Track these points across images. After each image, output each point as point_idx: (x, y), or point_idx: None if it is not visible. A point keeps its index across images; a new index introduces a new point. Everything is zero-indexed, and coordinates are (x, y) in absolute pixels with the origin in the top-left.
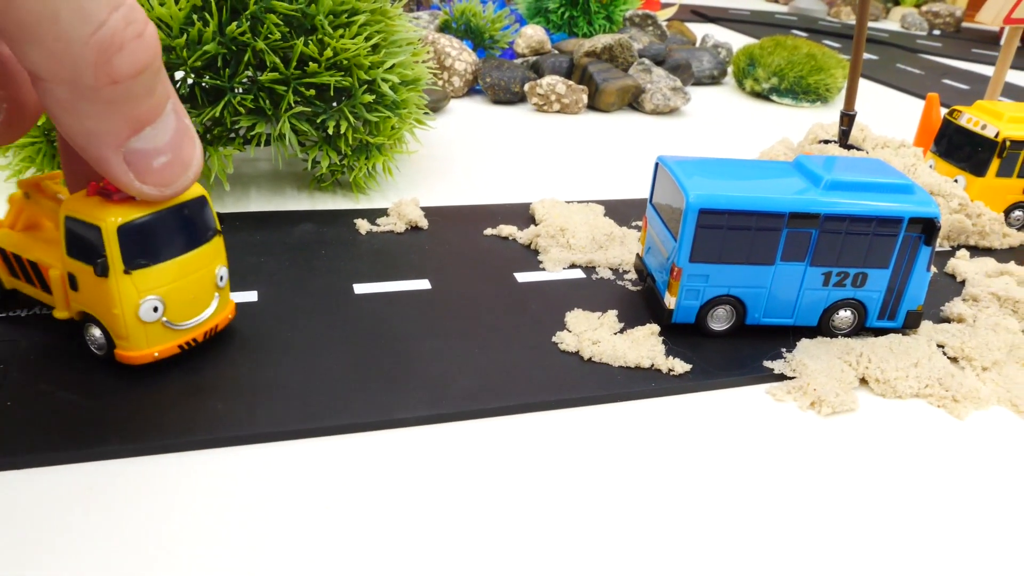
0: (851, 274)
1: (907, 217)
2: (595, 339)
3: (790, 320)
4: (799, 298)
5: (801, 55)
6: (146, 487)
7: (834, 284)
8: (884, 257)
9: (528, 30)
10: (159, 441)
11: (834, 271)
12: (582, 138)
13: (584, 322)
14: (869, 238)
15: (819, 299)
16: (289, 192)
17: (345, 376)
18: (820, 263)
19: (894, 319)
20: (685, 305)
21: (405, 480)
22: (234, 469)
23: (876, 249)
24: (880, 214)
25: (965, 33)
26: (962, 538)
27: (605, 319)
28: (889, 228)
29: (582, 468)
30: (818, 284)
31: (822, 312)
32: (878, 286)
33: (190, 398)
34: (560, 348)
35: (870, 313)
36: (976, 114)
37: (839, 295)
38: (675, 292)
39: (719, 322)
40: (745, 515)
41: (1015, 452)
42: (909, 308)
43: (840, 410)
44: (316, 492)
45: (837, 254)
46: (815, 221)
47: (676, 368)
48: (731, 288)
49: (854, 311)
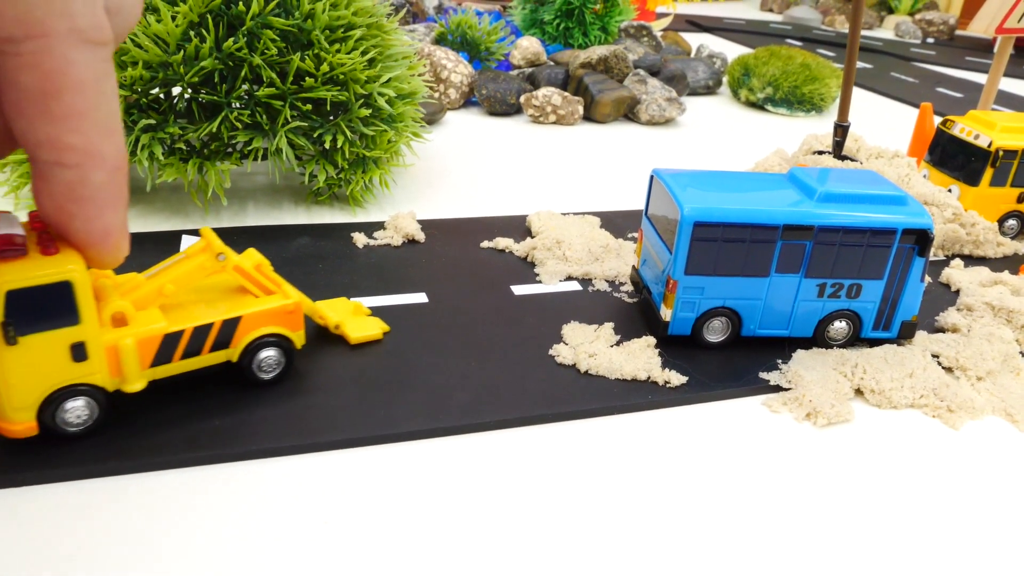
0: (846, 285)
1: (901, 228)
2: (592, 352)
3: (785, 331)
4: (794, 309)
5: (795, 65)
6: (145, 504)
7: (829, 295)
8: (878, 268)
9: (524, 42)
10: (159, 458)
11: (829, 282)
12: (578, 149)
13: (580, 335)
14: (863, 249)
15: (814, 310)
16: (286, 206)
17: (341, 391)
18: (815, 275)
19: (889, 329)
20: (681, 317)
21: (403, 495)
22: (231, 486)
23: (870, 260)
24: (874, 225)
25: (959, 41)
26: (958, 549)
27: (601, 331)
28: (883, 239)
29: (580, 481)
30: (813, 295)
31: (817, 323)
32: (872, 297)
33: (189, 417)
34: (557, 361)
35: (865, 324)
36: (969, 124)
37: (834, 306)
38: (671, 304)
39: (715, 334)
40: (742, 527)
41: (1010, 462)
42: (903, 319)
43: (836, 421)
44: (314, 508)
45: (831, 265)
46: (809, 233)
47: (672, 380)
48: (726, 300)
49: (849, 322)
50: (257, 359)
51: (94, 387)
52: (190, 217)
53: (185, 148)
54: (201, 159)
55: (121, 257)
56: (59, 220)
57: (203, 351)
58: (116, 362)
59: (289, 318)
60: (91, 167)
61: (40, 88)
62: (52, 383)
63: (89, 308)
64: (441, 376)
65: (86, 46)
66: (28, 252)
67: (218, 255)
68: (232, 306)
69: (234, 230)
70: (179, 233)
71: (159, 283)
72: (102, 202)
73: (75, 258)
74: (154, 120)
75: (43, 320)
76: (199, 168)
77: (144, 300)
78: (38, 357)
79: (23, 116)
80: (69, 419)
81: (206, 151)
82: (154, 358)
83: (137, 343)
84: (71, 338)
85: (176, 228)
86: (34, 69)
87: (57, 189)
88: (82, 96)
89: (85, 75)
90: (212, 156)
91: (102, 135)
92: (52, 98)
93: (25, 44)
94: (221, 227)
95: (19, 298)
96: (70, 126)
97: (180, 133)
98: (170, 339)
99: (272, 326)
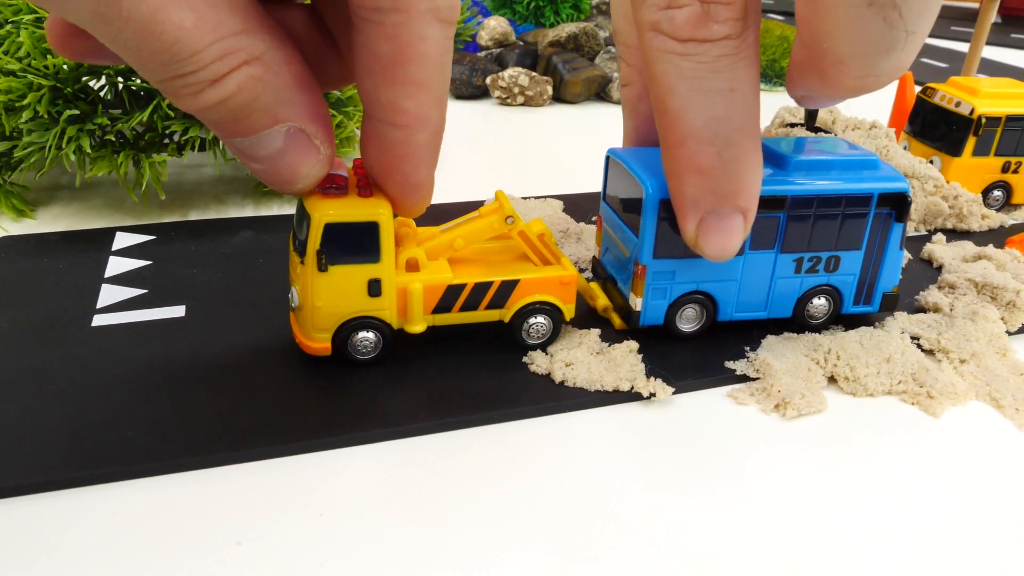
0: (823, 258)
1: (877, 193)
2: (568, 360)
3: (763, 313)
4: (771, 288)
5: (773, 38)
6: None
7: (807, 271)
8: (856, 238)
9: (491, 22)
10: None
11: (806, 256)
12: (546, 131)
13: (561, 341)
14: (839, 219)
15: (792, 288)
16: (232, 200)
17: (280, 395)
18: (791, 249)
19: (870, 303)
20: (653, 305)
21: (343, 502)
22: (142, 502)
23: (847, 230)
24: (849, 192)
25: (944, 11)
26: (940, 544)
27: (583, 337)
28: (859, 207)
29: (542, 479)
30: (790, 272)
31: (796, 301)
32: (852, 269)
33: (102, 427)
34: (531, 369)
35: (845, 299)
36: (950, 91)
37: (813, 282)
38: (640, 292)
39: (689, 323)
40: (704, 533)
41: (995, 451)
42: (885, 290)
43: (807, 412)
44: (228, 525)
45: (808, 238)
46: (782, 205)
47: (659, 393)
48: (700, 283)
49: (829, 298)
50: (527, 324)
51: (383, 322)
52: (130, 213)
53: (116, 140)
54: (135, 151)
55: (424, 208)
56: (381, 171)
57: (480, 307)
58: (404, 303)
59: (563, 289)
60: (418, 130)
61: (392, 56)
62: (349, 311)
63: (389, 250)
64: (374, 380)
65: (439, 24)
66: (348, 193)
67: (507, 218)
68: (513, 270)
69: (171, 226)
70: (113, 230)
71: (451, 237)
72: (419, 160)
73: (385, 203)
74: (79, 111)
75: (351, 253)
76: (133, 161)
77: (436, 251)
78: (342, 286)
79: (371, 78)
80: (359, 347)
81: (140, 143)
82: (436, 305)
83: (424, 288)
84: (370, 274)
85: (112, 224)
86: (392, 39)
87: (385, 145)
88: (425, 68)
89: (432, 50)
90: (147, 148)
91: (433, 103)
92: (400, 67)
93: (389, 15)
94: (158, 224)
95: (334, 231)
96: (408, 92)
97: (109, 124)
98: (453, 290)
99: (546, 295)
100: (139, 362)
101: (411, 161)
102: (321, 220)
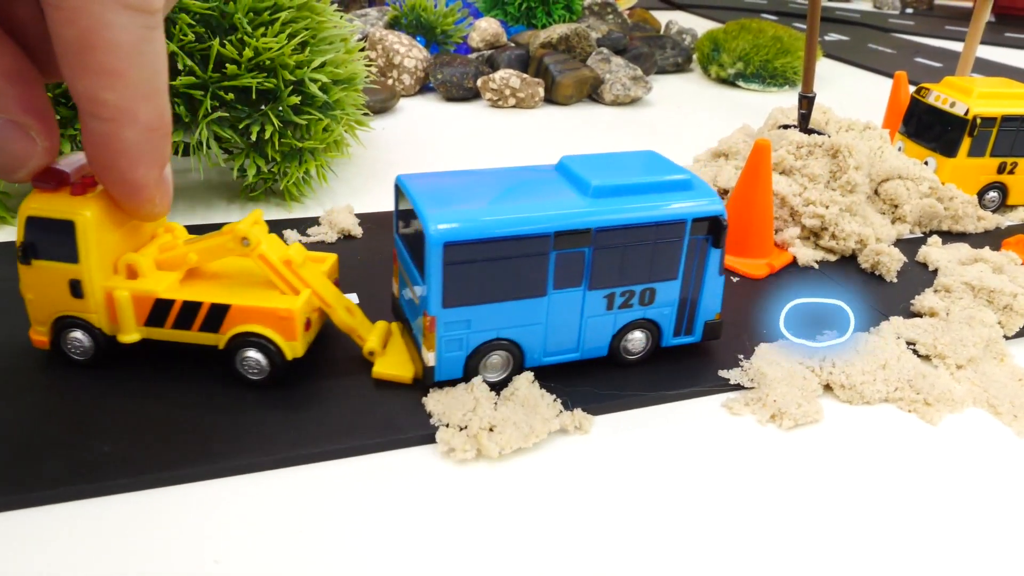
0: (637, 292)
1: (690, 219)
2: (483, 425)
3: (576, 355)
4: (582, 328)
5: (767, 38)
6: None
7: (620, 306)
8: (671, 267)
9: (483, 23)
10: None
11: (618, 291)
12: (537, 133)
13: (449, 400)
14: (651, 248)
15: (605, 326)
16: (218, 204)
17: (252, 410)
18: (600, 285)
19: (691, 333)
20: (448, 358)
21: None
22: (116, 517)
23: (661, 259)
24: (660, 219)
25: (938, 10)
26: (937, 555)
27: (474, 390)
28: (672, 234)
29: (534, 492)
30: (601, 309)
31: (611, 339)
32: (669, 300)
33: (70, 439)
34: (457, 458)
35: (664, 331)
36: (945, 91)
37: (627, 317)
38: (432, 345)
39: (494, 371)
40: (700, 546)
41: (993, 459)
42: (706, 319)
43: (803, 422)
44: (206, 542)
45: (618, 272)
46: (587, 238)
47: (584, 426)
48: (501, 331)
49: (646, 332)
50: (240, 356)
51: (92, 325)
52: None
53: None
54: None
55: (158, 212)
56: (97, 168)
57: (192, 327)
58: (112, 309)
59: (281, 323)
60: (123, 124)
61: (79, 43)
62: (57, 309)
63: (90, 252)
64: (360, 390)
65: (126, 11)
66: (59, 189)
67: (242, 239)
68: (234, 294)
69: None
70: None
71: (186, 250)
72: (134, 158)
73: (91, 204)
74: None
75: (52, 251)
76: None
77: (171, 262)
78: (46, 282)
79: (66, 66)
80: (72, 346)
81: None
82: (147, 318)
83: (132, 298)
84: (71, 274)
85: None
86: (72, 25)
87: (95, 139)
88: (116, 57)
89: (122, 37)
90: None
91: (137, 96)
92: (88, 54)
93: (67, 0)
94: None
95: (35, 225)
96: (105, 83)
97: None
98: (161, 304)
99: (260, 326)
100: (119, 372)
101: (125, 158)
102: (23, 213)
